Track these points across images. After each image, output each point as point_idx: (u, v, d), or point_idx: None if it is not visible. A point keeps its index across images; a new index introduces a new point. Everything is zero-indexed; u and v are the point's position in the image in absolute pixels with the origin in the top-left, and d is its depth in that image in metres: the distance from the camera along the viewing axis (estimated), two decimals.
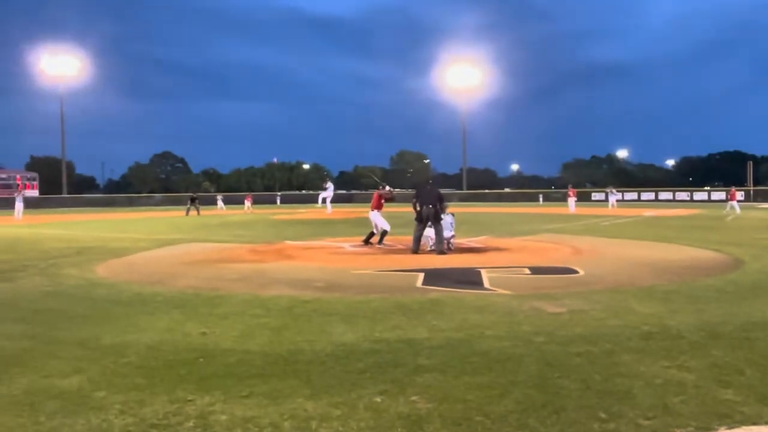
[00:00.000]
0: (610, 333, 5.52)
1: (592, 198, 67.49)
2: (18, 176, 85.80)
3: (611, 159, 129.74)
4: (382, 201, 14.78)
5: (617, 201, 49.31)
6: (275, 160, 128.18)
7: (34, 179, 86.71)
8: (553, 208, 44.10)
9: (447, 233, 13.35)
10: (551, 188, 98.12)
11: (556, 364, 4.53)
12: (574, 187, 43.46)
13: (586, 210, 39.61)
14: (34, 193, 78.39)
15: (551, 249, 13.61)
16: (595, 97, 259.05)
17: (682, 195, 64.84)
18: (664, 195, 65.90)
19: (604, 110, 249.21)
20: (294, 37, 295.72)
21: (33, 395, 3.97)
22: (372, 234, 14.66)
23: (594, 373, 4.30)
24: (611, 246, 14.35)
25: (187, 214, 38.69)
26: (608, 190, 49.79)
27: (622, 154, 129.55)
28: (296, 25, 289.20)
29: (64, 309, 7.08)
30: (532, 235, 17.58)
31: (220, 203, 54.14)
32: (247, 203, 48.41)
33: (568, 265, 10.52)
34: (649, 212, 35.81)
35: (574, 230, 20.03)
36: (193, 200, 41.35)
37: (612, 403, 3.69)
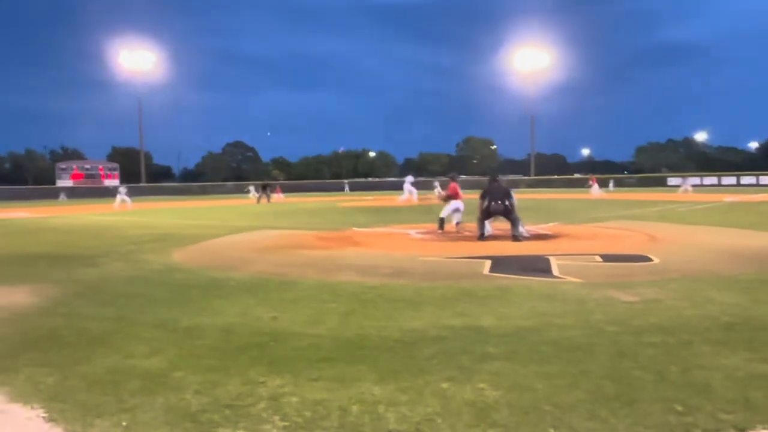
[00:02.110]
0: (688, 323, 5.31)
1: (668, 183, 64.81)
2: (100, 166, 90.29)
3: (689, 142, 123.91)
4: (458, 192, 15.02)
5: (692, 186, 47.28)
6: (341, 149, 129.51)
7: (115, 169, 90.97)
8: (626, 194, 42.65)
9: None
10: (624, 173, 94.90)
11: (629, 354, 4.40)
12: (594, 174, 43.03)
13: (662, 196, 38.10)
14: (115, 182, 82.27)
15: (624, 236, 13.17)
16: (671, 78, 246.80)
17: (767, 179, 61.21)
18: (747, 179, 62.46)
19: (680, 91, 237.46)
20: (361, 26, 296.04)
21: (117, 374, 4.20)
22: (458, 223, 14.87)
23: (670, 364, 4.15)
24: (689, 233, 13.76)
25: (258, 201, 39.71)
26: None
27: (700, 136, 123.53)
28: (363, 14, 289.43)
29: (145, 293, 7.43)
30: (604, 222, 17.07)
31: (252, 191, 54.56)
32: (278, 194, 48.71)
33: (642, 253, 10.15)
34: (730, 197, 34.08)
35: (648, 217, 19.31)
36: (264, 188, 42.38)
37: (689, 396, 3.56)
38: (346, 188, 74.78)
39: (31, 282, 8.26)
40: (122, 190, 38.66)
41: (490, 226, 13.89)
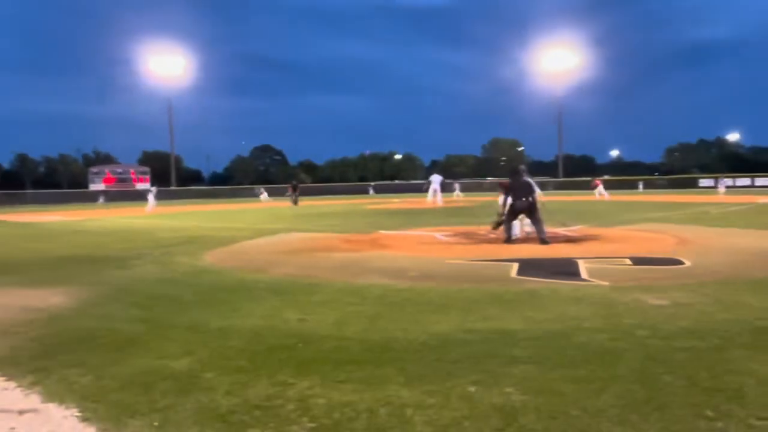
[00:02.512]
0: (719, 327, 5.21)
1: (699, 184, 63.58)
2: (132, 170, 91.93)
3: (720, 142, 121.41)
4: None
5: (726, 187, 46.35)
6: (368, 152, 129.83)
7: (146, 173, 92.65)
8: (655, 196, 41.97)
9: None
10: (654, 174, 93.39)
11: (659, 358, 4.34)
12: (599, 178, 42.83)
13: (693, 197, 37.41)
14: (146, 185, 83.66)
15: (654, 239, 12.97)
16: (702, 78, 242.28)
17: None
18: None
19: (712, 91, 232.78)
20: (387, 29, 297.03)
21: (149, 375, 4.28)
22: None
23: (701, 369, 4.09)
24: (721, 235, 13.49)
25: (294, 203, 39.90)
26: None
27: (732, 137, 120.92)
28: (389, 17, 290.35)
29: (176, 294, 7.55)
30: (633, 224, 16.83)
31: (264, 195, 54.43)
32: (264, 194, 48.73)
33: (672, 256, 9.99)
34: (764, 199, 33.29)
35: (679, 219, 18.99)
36: (295, 188, 42.45)
37: (720, 402, 3.50)
38: (371, 191, 74.74)
39: (65, 284, 8.46)
40: (152, 189, 39.60)
41: (518, 228, 13.79)
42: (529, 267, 9.04)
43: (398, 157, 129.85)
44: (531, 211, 12.43)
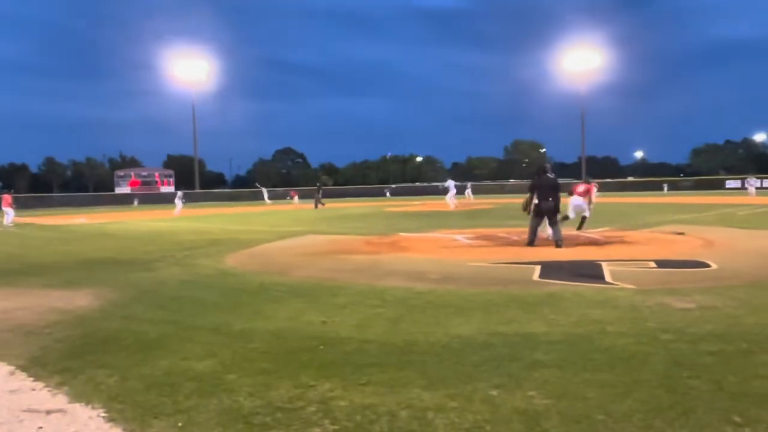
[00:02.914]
0: (747, 331, 5.12)
1: (726, 186, 62.51)
2: (156, 173, 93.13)
3: (747, 143, 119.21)
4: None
5: (756, 189, 45.51)
6: (389, 154, 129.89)
7: (170, 176, 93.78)
8: (681, 198, 41.36)
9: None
10: (680, 176, 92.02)
11: (685, 363, 4.28)
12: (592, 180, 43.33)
13: (720, 199, 36.79)
14: (170, 189, 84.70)
15: (679, 241, 12.79)
16: (728, 77, 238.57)
17: None
18: None
19: (738, 91, 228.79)
20: (407, 31, 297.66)
21: (173, 376, 4.33)
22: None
23: (728, 373, 4.02)
24: (749, 238, 13.25)
25: (323, 205, 40.02)
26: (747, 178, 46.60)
27: (759, 137, 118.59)
28: (411, 20, 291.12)
29: (199, 297, 7.64)
30: (658, 227, 16.61)
31: (267, 197, 54.43)
32: (295, 198, 48.27)
33: (698, 258, 9.84)
34: None
35: (705, 221, 18.69)
36: (319, 190, 42.53)
37: (748, 407, 3.44)
38: (387, 193, 74.41)
39: (92, 286, 8.60)
40: (179, 194, 39.65)
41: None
42: (551, 270, 8.97)
43: (419, 159, 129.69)
44: (554, 212, 12.14)
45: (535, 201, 12.40)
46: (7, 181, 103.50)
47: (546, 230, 13.51)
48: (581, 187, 15.48)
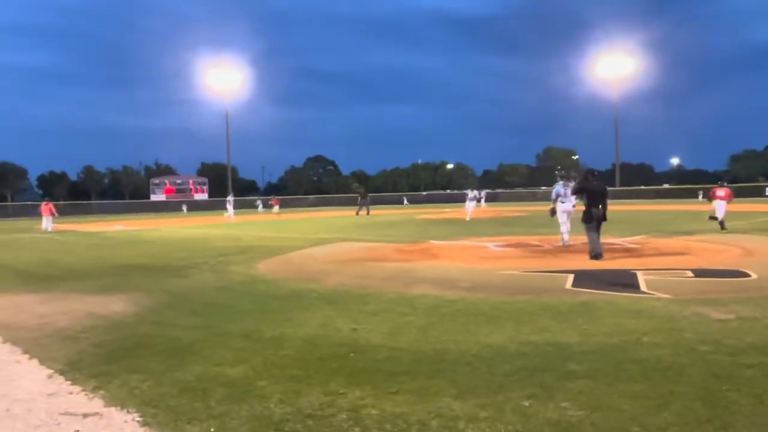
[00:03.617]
0: None
1: (766, 193, 60.81)
2: (191, 181, 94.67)
3: None
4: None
5: None
6: (419, 161, 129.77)
7: (204, 184, 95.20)
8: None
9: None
10: (717, 183, 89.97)
11: (723, 375, 4.16)
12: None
13: (760, 207, 35.80)
14: (204, 196, 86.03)
15: (717, 250, 12.48)
16: (767, 82, 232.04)
17: None
18: None
19: None
20: (438, 38, 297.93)
21: (205, 381, 4.38)
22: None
23: None
24: None
25: (367, 212, 39.97)
26: None
27: None
28: (441, 27, 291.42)
29: (231, 303, 7.72)
30: (695, 235, 16.24)
31: (261, 205, 54.12)
32: (275, 207, 47.49)
33: (737, 268, 9.59)
34: None
35: (744, 229, 18.19)
36: (364, 196, 42.24)
37: None
38: (405, 201, 73.73)
39: (127, 292, 8.77)
40: (230, 199, 39.35)
41: (567, 235, 13.60)
42: (585, 278, 8.84)
43: (450, 166, 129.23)
44: (603, 220, 11.26)
45: (556, 204, 12.17)
46: (47, 189, 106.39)
47: (563, 236, 13.53)
48: (722, 191, 17.84)
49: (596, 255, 10.98)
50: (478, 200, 21.35)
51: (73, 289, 9.30)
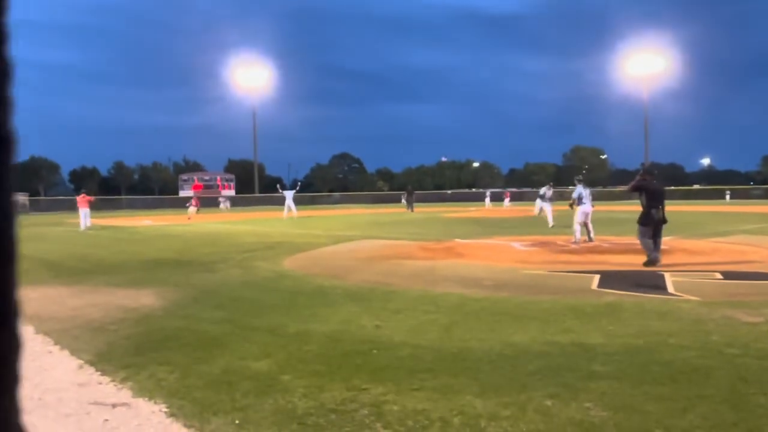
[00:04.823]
0: None
1: None
2: (218, 177, 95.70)
3: None
4: None
5: None
6: (444, 159, 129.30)
7: (231, 180, 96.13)
8: (746, 207, 39.53)
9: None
10: (750, 184, 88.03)
11: (751, 379, 4.10)
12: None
13: None
14: (231, 192, 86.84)
15: (748, 252, 12.23)
16: None
17: None
18: None
19: None
20: (465, 36, 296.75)
21: (230, 375, 4.45)
22: None
23: None
24: None
25: (411, 209, 39.92)
26: None
27: None
28: (467, 25, 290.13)
29: (257, 298, 7.81)
30: (725, 237, 15.94)
31: (223, 204, 52.53)
32: (222, 204, 45.77)
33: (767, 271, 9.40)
34: None
35: None
36: (411, 194, 42.22)
37: None
38: (403, 200, 72.27)
39: (155, 286, 8.92)
40: (288, 194, 34.24)
41: (579, 233, 13.66)
42: (610, 279, 8.74)
43: (476, 165, 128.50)
44: (663, 222, 10.35)
45: (577, 205, 12.01)
46: (78, 183, 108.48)
47: (576, 234, 13.60)
48: None
49: (651, 261, 10.05)
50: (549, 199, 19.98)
51: (103, 282, 9.50)
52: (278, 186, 37.07)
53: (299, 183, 45.31)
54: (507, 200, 53.27)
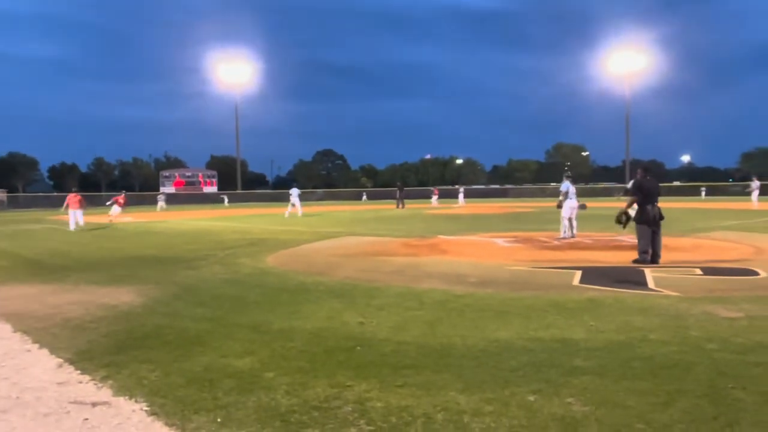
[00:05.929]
0: None
1: None
2: (200, 174, 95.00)
3: None
4: None
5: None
6: (428, 156, 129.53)
7: (213, 177, 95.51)
8: (723, 203, 40.10)
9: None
10: (729, 181, 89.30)
11: (730, 373, 4.15)
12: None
13: None
14: (213, 189, 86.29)
15: (727, 248, 12.41)
16: None
17: None
18: None
19: None
20: (449, 33, 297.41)
21: (212, 372, 4.42)
22: None
23: None
24: None
25: (402, 206, 39.86)
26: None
27: None
28: (452, 21, 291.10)
29: (240, 295, 7.76)
30: (706, 233, 16.15)
31: (161, 203, 51.22)
32: (160, 203, 46.16)
33: (747, 266, 9.54)
34: None
35: (755, 228, 18.07)
36: (401, 190, 42.11)
37: None
38: (364, 197, 70.51)
39: (136, 283, 8.83)
40: (294, 192, 31.98)
41: (568, 229, 13.81)
42: (592, 275, 8.82)
43: (459, 161, 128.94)
44: (661, 218, 10.29)
45: (565, 200, 12.11)
46: (57, 180, 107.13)
47: (562, 230, 13.78)
48: None
49: (641, 261, 9.97)
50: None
51: (83, 280, 9.38)
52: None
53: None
54: (435, 198, 51.93)
